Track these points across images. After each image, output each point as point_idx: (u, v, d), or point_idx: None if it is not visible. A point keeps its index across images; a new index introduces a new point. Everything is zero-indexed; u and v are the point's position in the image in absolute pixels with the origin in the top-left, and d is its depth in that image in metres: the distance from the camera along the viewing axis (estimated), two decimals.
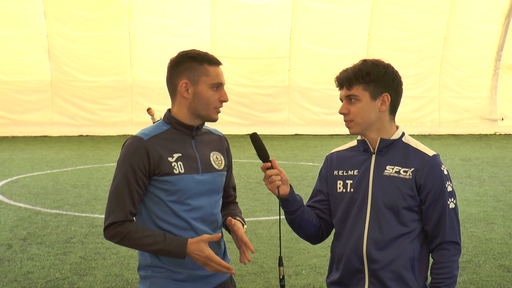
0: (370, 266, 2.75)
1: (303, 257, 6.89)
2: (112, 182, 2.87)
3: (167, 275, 2.85)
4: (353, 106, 2.75)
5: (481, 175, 13.33)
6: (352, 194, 2.80)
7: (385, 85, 2.76)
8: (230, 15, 22.71)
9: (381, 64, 2.78)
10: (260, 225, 8.48)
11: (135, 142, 2.82)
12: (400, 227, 2.73)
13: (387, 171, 2.75)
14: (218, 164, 2.98)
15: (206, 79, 2.84)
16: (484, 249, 7.36)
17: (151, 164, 2.80)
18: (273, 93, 23.76)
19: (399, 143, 2.80)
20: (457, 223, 2.77)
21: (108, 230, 2.82)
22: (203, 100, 2.85)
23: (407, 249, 2.73)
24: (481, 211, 9.56)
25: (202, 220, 2.88)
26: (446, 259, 2.71)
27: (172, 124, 2.91)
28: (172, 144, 2.87)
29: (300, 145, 19.99)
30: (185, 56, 2.88)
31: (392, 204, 2.72)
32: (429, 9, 22.99)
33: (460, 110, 24.16)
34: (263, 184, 11.70)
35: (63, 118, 22.81)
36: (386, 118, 2.80)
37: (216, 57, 2.91)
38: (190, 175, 2.85)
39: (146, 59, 22.75)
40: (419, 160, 2.74)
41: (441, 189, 2.72)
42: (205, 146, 2.97)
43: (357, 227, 2.78)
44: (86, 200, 10.24)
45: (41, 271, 6.40)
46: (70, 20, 22.07)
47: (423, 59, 23.43)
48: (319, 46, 23.16)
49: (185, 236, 2.82)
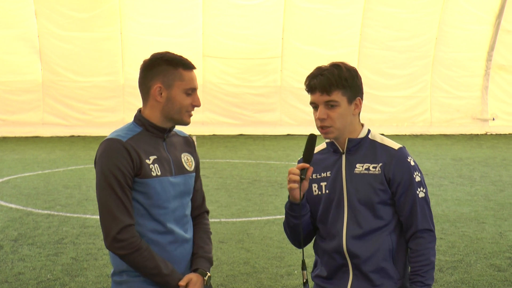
0: (352, 260, 2.85)
1: (295, 257, 6.89)
2: (102, 189, 2.79)
3: (143, 279, 2.85)
4: (333, 112, 2.80)
5: (472, 175, 13.36)
6: (328, 195, 2.89)
7: (357, 89, 2.86)
8: (222, 15, 22.66)
9: (352, 69, 2.86)
10: (252, 225, 8.48)
11: (115, 144, 2.78)
12: (377, 221, 2.83)
13: (357, 169, 2.85)
14: (189, 165, 2.99)
15: (181, 84, 2.84)
16: (475, 249, 7.37)
17: (134, 165, 2.78)
18: (265, 93, 23.69)
19: (366, 140, 2.90)
20: (428, 211, 2.86)
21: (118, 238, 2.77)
22: (176, 104, 2.85)
23: (386, 241, 2.83)
24: (472, 210, 9.58)
25: (176, 222, 2.91)
26: (422, 246, 2.80)
27: (144, 126, 2.89)
28: (147, 146, 2.85)
29: (292, 145, 19.99)
30: (159, 59, 2.88)
31: (366, 200, 2.82)
32: (420, 9, 23.02)
33: (451, 110, 24.19)
34: (255, 184, 11.81)
35: (55, 118, 22.67)
36: (356, 120, 2.91)
37: (190, 61, 2.91)
38: (165, 177, 2.86)
39: (138, 59, 21.85)
40: (386, 154, 2.85)
41: (409, 180, 2.82)
42: (175, 148, 2.97)
43: (336, 226, 2.86)
44: (78, 200, 10.20)
45: (32, 272, 6.37)
46: (62, 20, 21.94)
47: (415, 59, 23.46)
48: (311, 46, 23.13)
49: (160, 239, 2.85)
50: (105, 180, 2.77)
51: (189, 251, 2.97)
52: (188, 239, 2.96)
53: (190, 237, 2.98)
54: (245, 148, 18.92)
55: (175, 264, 2.89)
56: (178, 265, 2.91)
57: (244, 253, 7.05)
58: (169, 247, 2.87)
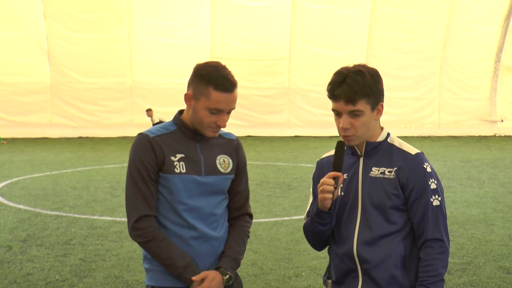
0: (362, 265, 2.76)
1: (303, 259, 6.86)
2: (127, 180, 2.91)
3: (163, 269, 2.90)
4: (357, 121, 2.72)
5: (481, 177, 13.31)
6: (343, 197, 2.82)
7: (380, 94, 2.79)
8: (229, 17, 22.68)
9: (375, 74, 2.77)
10: (260, 226, 8.43)
11: (141, 138, 2.88)
12: (389, 226, 2.75)
13: (373, 173, 2.78)
14: (225, 167, 2.99)
15: (206, 101, 2.83)
16: (484, 251, 7.31)
17: (158, 160, 2.85)
18: (273, 94, 23.75)
19: (384, 144, 2.82)
20: (442, 220, 2.75)
21: (136, 227, 2.85)
22: (198, 118, 2.87)
23: (397, 247, 2.74)
24: (481, 212, 9.53)
25: (201, 219, 2.92)
26: (431, 256, 2.70)
27: (179, 126, 2.95)
28: (176, 144, 2.91)
29: (300, 147, 19.97)
30: (201, 69, 2.87)
31: (379, 204, 2.74)
32: (428, 10, 22.97)
33: (459, 112, 24.12)
34: (262, 186, 11.76)
35: (63, 119, 22.78)
36: (377, 124, 2.83)
37: (230, 83, 2.84)
38: (190, 175, 2.88)
39: (146, 61, 22.71)
40: (402, 159, 2.76)
41: (423, 186, 2.72)
42: (212, 149, 2.98)
43: (349, 229, 2.80)
44: (86, 201, 10.21)
45: (41, 273, 6.37)
46: (70, 21, 22.04)
47: (423, 60, 23.40)
48: (319, 48, 23.14)
49: (183, 233, 2.88)
50: (129, 172, 2.89)
51: (217, 250, 2.97)
52: (216, 237, 2.96)
53: (219, 235, 2.97)
54: (252, 149, 18.89)
55: (198, 260, 2.90)
56: (202, 261, 2.92)
57: (252, 254, 6.98)
58: (191, 242, 2.90)
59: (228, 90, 2.84)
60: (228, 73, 2.86)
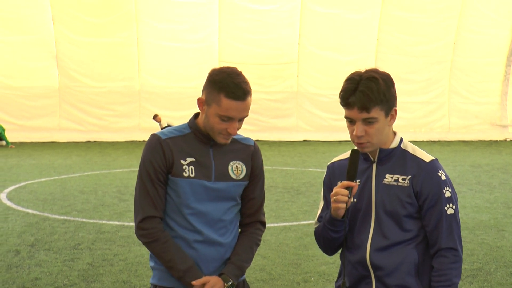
0: (375, 272, 2.75)
1: (311, 264, 6.82)
2: (137, 181, 2.94)
3: (166, 270, 2.92)
4: (371, 128, 2.68)
5: (491, 182, 13.21)
6: (356, 204, 2.79)
7: (393, 99, 2.73)
8: (238, 20, 22.66)
9: (387, 78, 2.71)
10: (268, 231, 8.34)
11: (153, 140, 2.91)
12: (403, 234, 2.73)
13: (386, 180, 2.75)
14: (237, 174, 2.97)
15: (216, 107, 2.81)
16: (495, 257, 7.24)
17: (167, 162, 2.87)
18: (281, 98, 23.68)
19: (397, 150, 2.79)
20: (456, 229, 2.73)
21: (140, 226, 2.88)
22: (209, 124, 2.86)
23: (411, 255, 2.72)
24: (492, 218, 9.45)
25: (207, 224, 2.91)
26: (444, 266, 2.68)
27: (193, 130, 2.95)
28: (188, 148, 2.91)
29: (308, 151, 19.91)
30: (215, 75, 2.84)
31: (392, 212, 2.72)
32: (438, 14, 22.88)
33: (470, 116, 24.00)
34: (271, 190, 11.67)
35: (71, 124, 22.80)
36: (390, 129, 2.79)
37: (242, 90, 2.79)
38: (199, 180, 2.87)
39: (154, 65, 22.72)
40: (416, 166, 2.73)
41: (438, 195, 2.70)
42: (225, 155, 2.96)
43: (361, 236, 2.78)
44: (94, 206, 10.18)
45: (49, 278, 6.36)
46: (78, 25, 22.06)
47: (432, 64, 23.30)
48: (328, 52, 23.08)
49: (188, 236, 2.89)
50: (139, 172, 2.92)
51: (224, 255, 2.96)
52: (223, 243, 2.94)
53: (226, 241, 2.95)
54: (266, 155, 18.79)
55: (202, 264, 2.90)
56: (206, 266, 2.91)
57: (260, 259, 6.95)
58: (195, 245, 2.89)
59: (240, 98, 2.79)
60: (242, 80, 2.81)
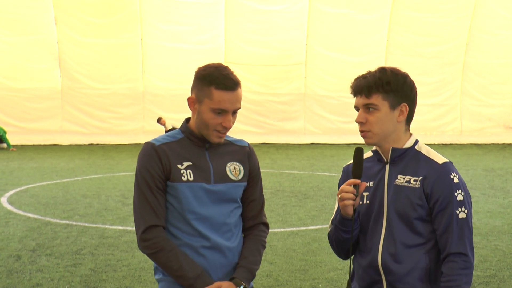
0: (387, 277, 2.75)
1: (319, 270, 6.70)
2: (134, 190, 2.92)
3: (173, 280, 2.88)
4: (371, 116, 2.73)
5: (505, 186, 12.96)
6: (368, 206, 2.81)
7: (404, 95, 2.74)
8: (244, 21, 22.60)
9: (400, 74, 2.76)
10: (275, 237, 8.23)
11: (147, 148, 2.90)
12: (414, 237, 2.73)
13: (398, 181, 2.76)
14: (235, 175, 2.98)
15: (209, 102, 2.84)
16: (509, 263, 7.05)
17: (164, 168, 2.86)
18: (289, 101, 23.57)
19: (411, 151, 2.80)
20: (468, 234, 2.72)
21: (143, 238, 2.83)
22: (203, 121, 2.87)
23: (423, 260, 2.73)
24: (505, 223, 9.22)
25: (213, 228, 2.90)
26: (453, 271, 2.66)
27: (186, 134, 2.96)
28: (183, 152, 2.92)
29: (316, 155, 19.78)
30: (202, 71, 2.88)
31: (403, 214, 2.72)
32: (450, 14, 22.79)
33: (482, 119, 23.96)
34: (278, 194, 11.50)
35: (74, 126, 22.69)
36: (402, 128, 2.80)
37: (231, 81, 2.84)
38: (198, 183, 2.88)
39: (159, 66, 22.71)
40: (428, 168, 2.74)
41: (449, 197, 2.69)
42: (222, 157, 2.98)
43: (373, 239, 2.79)
44: (97, 210, 10.01)
45: (51, 283, 6.26)
46: (81, 26, 22.00)
47: (444, 65, 23.23)
48: (336, 53, 23.01)
49: (194, 243, 2.86)
50: (136, 181, 2.90)
51: (232, 260, 2.95)
52: (230, 248, 2.93)
53: (233, 245, 2.95)
54: (268, 157, 18.73)
55: (211, 270, 2.88)
56: (215, 272, 2.89)
57: (267, 265, 6.87)
58: (203, 251, 2.87)
59: (231, 88, 2.83)
60: (230, 72, 2.87)
